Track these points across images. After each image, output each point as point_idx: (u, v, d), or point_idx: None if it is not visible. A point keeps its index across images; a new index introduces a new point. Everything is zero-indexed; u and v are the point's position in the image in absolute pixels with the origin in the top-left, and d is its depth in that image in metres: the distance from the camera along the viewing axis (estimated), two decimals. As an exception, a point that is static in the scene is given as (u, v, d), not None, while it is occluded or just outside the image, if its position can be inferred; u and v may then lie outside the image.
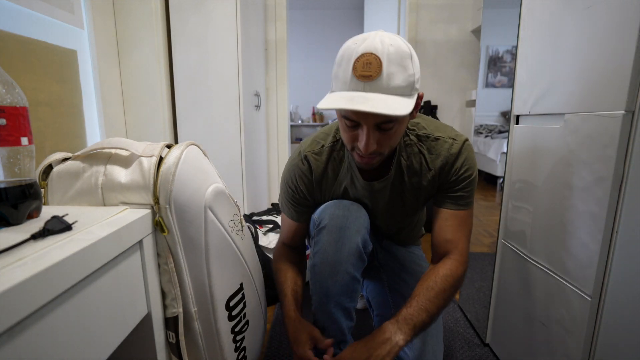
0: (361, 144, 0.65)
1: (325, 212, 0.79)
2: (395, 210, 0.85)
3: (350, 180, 0.82)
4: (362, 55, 0.59)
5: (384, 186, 0.81)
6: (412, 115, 0.70)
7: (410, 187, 0.81)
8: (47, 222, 0.47)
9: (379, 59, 0.58)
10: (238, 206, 0.81)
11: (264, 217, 1.65)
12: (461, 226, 0.79)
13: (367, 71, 0.58)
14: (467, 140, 0.77)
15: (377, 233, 0.94)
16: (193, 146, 0.70)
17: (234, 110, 1.61)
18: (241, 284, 0.79)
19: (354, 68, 0.59)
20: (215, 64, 1.55)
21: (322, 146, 0.82)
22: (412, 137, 0.78)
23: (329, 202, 0.83)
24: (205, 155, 0.74)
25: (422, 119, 0.81)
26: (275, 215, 1.67)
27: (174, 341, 0.67)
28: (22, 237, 0.43)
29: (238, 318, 0.77)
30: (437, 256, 0.81)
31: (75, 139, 1.06)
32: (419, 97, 0.67)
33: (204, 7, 1.50)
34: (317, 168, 0.82)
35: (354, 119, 0.64)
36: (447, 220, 0.79)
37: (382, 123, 0.63)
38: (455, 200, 0.78)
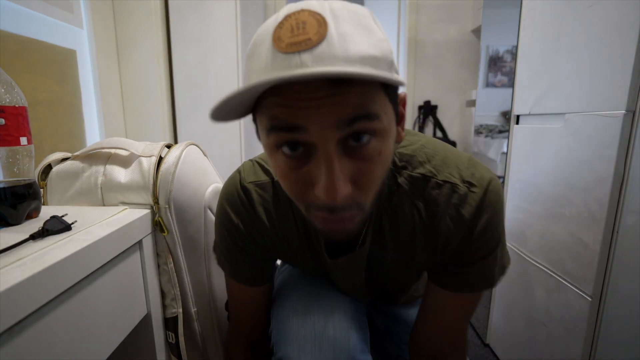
0: (321, 184, 0.33)
1: (283, 329, 0.52)
2: (378, 285, 0.58)
3: (305, 246, 0.53)
4: (287, 17, 0.32)
5: (354, 263, 0.51)
6: (398, 136, 0.40)
7: (396, 260, 0.51)
8: (46, 222, 0.47)
9: (319, 15, 0.32)
10: (238, 206, 0.81)
11: (264, 217, 1.64)
12: (466, 315, 0.53)
13: (301, 34, 0.31)
14: (491, 184, 0.45)
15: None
16: (193, 146, 0.70)
17: (234, 110, 1.60)
18: (241, 284, 0.79)
19: (277, 39, 0.32)
20: (215, 64, 1.55)
21: (271, 180, 0.52)
22: (401, 179, 0.46)
23: (281, 300, 0.57)
24: (205, 155, 0.74)
25: (418, 143, 0.48)
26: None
27: (173, 342, 0.67)
28: (21, 237, 0.43)
29: (238, 318, 0.77)
30: (420, 353, 0.57)
31: (74, 138, 1.06)
32: (401, 101, 0.40)
33: (204, 6, 1.49)
34: (262, 211, 0.51)
35: (298, 127, 0.33)
36: (445, 306, 0.52)
37: (350, 129, 0.33)
38: (466, 280, 0.49)
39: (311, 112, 0.32)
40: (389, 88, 0.35)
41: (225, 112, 0.34)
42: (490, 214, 0.45)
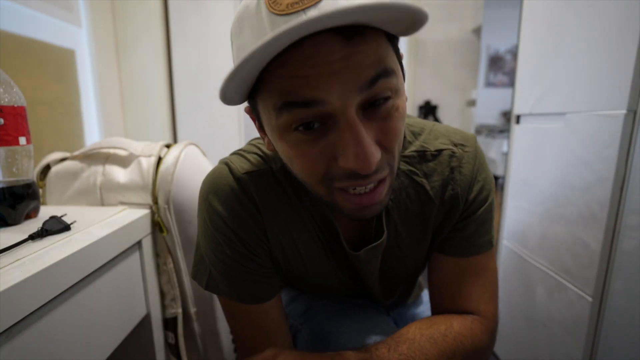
0: (350, 152, 0.31)
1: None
2: (390, 280, 0.54)
3: (319, 242, 0.47)
4: None
5: (373, 255, 0.47)
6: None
7: (411, 245, 0.49)
8: (45, 222, 0.47)
9: None
10: (238, 206, 0.80)
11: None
12: (480, 276, 0.49)
13: None
14: (475, 139, 0.49)
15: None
16: (192, 146, 0.69)
17: (234, 110, 1.60)
18: (241, 284, 0.78)
19: (272, 3, 0.29)
20: (215, 64, 1.55)
21: (270, 169, 0.45)
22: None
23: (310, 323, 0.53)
24: (204, 155, 0.74)
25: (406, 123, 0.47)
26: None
27: (173, 342, 0.67)
28: (20, 237, 0.43)
29: (238, 318, 0.77)
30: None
31: (73, 138, 1.06)
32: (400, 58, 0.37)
33: (204, 6, 1.49)
34: (265, 205, 0.44)
35: (316, 100, 0.30)
36: (457, 273, 0.49)
37: (371, 91, 0.31)
38: (472, 241, 0.48)
39: (329, 80, 0.29)
40: (394, 43, 0.34)
41: (231, 90, 0.30)
42: (482, 161, 0.48)
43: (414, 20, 0.30)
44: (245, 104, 0.38)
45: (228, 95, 0.31)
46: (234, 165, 0.45)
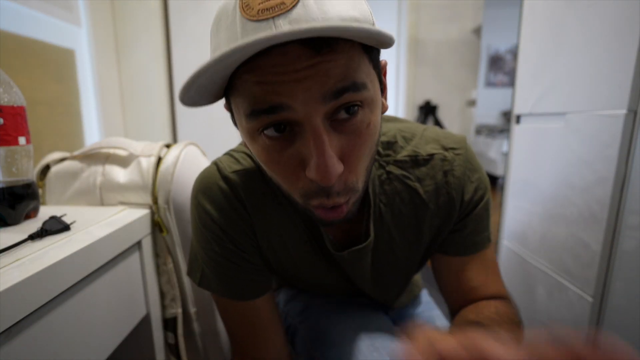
0: (312, 163, 0.31)
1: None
2: (386, 277, 0.54)
3: (305, 239, 0.47)
4: None
5: (360, 257, 0.47)
6: (382, 107, 0.38)
7: (405, 248, 0.50)
8: (45, 223, 0.47)
9: None
10: (238, 206, 0.80)
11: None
12: (487, 267, 0.51)
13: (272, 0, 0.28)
14: (466, 141, 0.50)
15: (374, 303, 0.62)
16: (192, 146, 0.69)
17: (234, 110, 1.61)
18: (241, 285, 0.78)
19: (245, 7, 0.29)
20: (214, 64, 1.55)
21: (258, 167, 0.45)
22: (389, 166, 0.46)
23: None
24: (204, 155, 0.74)
25: (395, 128, 0.48)
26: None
27: (173, 342, 0.67)
28: (19, 237, 0.43)
29: (238, 318, 0.77)
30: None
31: (73, 138, 1.06)
32: (382, 69, 0.37)
33: (204, 6, 1.49)
34: (252, 202, 0.45)
35: (281, 105, 0.30)
36: (465, 270, 0.50)
37: (337, 102, 0.30)
38: (472, 239, 0.49)
39: (293, 86, 0.29)
40: (372, 54, 0.33)
41: (196, 93, 0.31)
42: (474, 162, 0.48)
43: (380, 42, 0.31)
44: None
45: (187, 97, 0.31)
46: (223, 165, 0.46)
